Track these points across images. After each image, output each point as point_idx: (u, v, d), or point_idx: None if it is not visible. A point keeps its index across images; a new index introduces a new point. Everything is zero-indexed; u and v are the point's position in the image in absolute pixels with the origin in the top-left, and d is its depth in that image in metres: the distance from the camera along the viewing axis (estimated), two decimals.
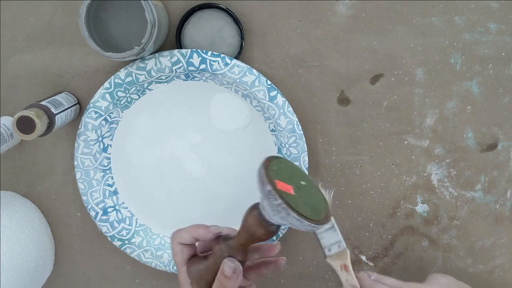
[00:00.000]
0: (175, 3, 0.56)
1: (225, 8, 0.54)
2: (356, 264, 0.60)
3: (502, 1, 0.54)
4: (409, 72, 0.56)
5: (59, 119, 0.52)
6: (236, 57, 0.55)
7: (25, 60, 0.58)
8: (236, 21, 0.54)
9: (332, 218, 0.47)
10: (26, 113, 0.48)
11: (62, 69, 0.58)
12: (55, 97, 0.54)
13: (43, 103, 0.51)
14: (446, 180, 0.58)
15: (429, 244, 0.59)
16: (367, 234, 0.59)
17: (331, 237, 0.48)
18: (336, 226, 0.48)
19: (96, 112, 0.56)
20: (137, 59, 0.53)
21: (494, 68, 0.55)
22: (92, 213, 0.58)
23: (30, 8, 0.56)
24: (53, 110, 0.52)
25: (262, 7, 0.55)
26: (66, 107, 0.54)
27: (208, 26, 0.55)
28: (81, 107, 0.58)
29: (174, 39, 0.56)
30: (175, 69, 0.54)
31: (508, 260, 0.59)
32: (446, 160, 0.58)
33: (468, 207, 0.58)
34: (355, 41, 0.56)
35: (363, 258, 0.60)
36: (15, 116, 0.48)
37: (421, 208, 0.59)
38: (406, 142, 0.58)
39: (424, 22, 0.55)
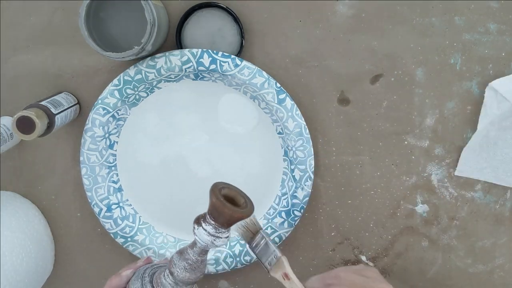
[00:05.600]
0: (175, 3, 0.56)
1: (225, 7, 0.54)
2: (356, 264, 0.60)
3: (502, 1, 0.54)
4: (409, 72, 0.56)
5: (59, 119, 0.52)
6: (237, 56, 0.55)
7: (25, 60, 0.58)
8: (236, 19, 0.54)
9: (261, 231, 0.47)
10: (26, 113, 0.48)
11: (62, 69, 0.58)
12: (55, 97, 0.55)
13: (43, 103, 0.52)
14: (446, 180, 0.58)
15: (429, 244, 0.59)
16: (367, 234, 0.59)
17: (267, 251, 0.47)
18: (266, 238, 0.47)
19: (104, 109, 0.56)
20: (137, 58, 0.54)
21: (494, 68, 0.55)
22: (96, 210, 0.58)
23: (30, 8, 0.57)
24: (53, 110, 0.52)
25: (262, 7, 0.55)
26: (66, 107, 0.54)
27: (208, 25, 0.55)
28: (81, 107, 0.58)
29: (174, 39, 0.56)
30: (185, 69, 0.54)
31: (508, 260, 0.59)
32: (446, 160, 0.58)
33: (468, 207, 0.58)
34: (355, 41, 0.56)
35: (363, 258, 0.60)
36: (15, 116, 0.48)
37: (421, 208, 0.59)
38: (406, 142, 0.58)
39: (424, 22, 0.55)
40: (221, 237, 0.41)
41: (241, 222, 0.47)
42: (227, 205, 0.41)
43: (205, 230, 0.41)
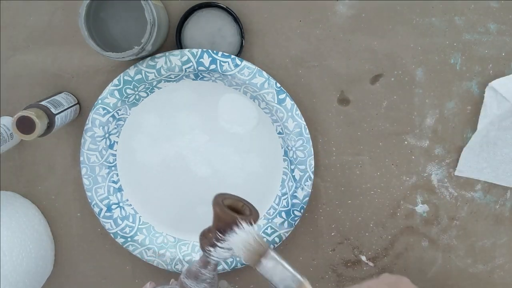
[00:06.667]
0: (175, 3, 0.56)
1: (225, 7, 0.54)
2: (356, 264, 0.60)
3: (502, 1, 0.54)
4: (409, 72, 0.56)
5: (59, 119, 0.52)
6: (237, 56, 0.55)
7: (25, 60, 0.58)
8: (236, 19, 0.54)
9: (270, 252, 0.42)
10: (26, 113, 0.48)
11: (62, 69, 0.58)
12: (55, 97, 0.55)
13: (43, 103, 0.52)
14: (446, 180, 0.58)
15: (429, 244, 0.59)
16: (367, 234, 0.59)
17: (282, 276, 0.41)
18: (281, 260, 0.41)
19: (104, 109, 0.56)
20: (137, 58, 0.54)
21: (494, 68, 0.55)
22: (96, 210, 0.58)
23: (30, 8, 0.56)
24: (53, 110, 0.52)
25: (262, 7, 0.55)
26: (66, 107, 0.54)
27: (208, 25, 0.55)
28: (81, 107, 0.58)
29: (174, 39, 0.56)
30: (185, 69, 0.54)
31: (508, 260, 0.59)
32: (446, 160, 0.58)
33: (468, 207, 0.58)
34: (355, 41, 0.56)
35: (363, 258, 0.60)
36: (15, 116, 0.48)
37: (421, 208, 0.59)
38: (406, 142, 0.58)
39: (424, 22, 0.55)
40: None
41: (242, 243, 0.42)
42: (229, 213, 0.41)
43: (223, 248, 0.41)
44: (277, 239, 0.58)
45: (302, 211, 0.57)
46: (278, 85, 0.54)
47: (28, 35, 0.57)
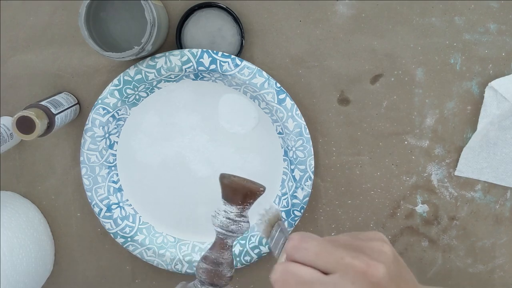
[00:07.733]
0: (175, 3, 0.56)
1: (225, 7, 0.54)
2: None
3: (502, 1, 0.54)
4: (409, 72, 0.56)
5: (59, 119, 0.52)
6: (237, 56, 0.55)
7: (25, 60, 0.58)
8: (236, 19, 0.54)
9: (279, 222, 0.42)
10: (26, 113, 0.48)
11: (62, 69, 0.58)
12: (55, 97, 0.55)
13: (43, 103, 0.52)
14: (446, 180, 0.58)
15: (429, 244, 0.59)
16: None
17: (279, 242, 0.40)
18: (284, 230, 0.41)
19: (104, 109, 0.56)
20: (137, 58, 0.54)
21: (494, 68, 0.55)
22: (96, 210, 0.58)
23: (30, 8, 0.57)
24: (53, 110, 0.52)
25: (262, 7, 0.55)
26: (66, 107, 0.54)
27: (208, 25, 0.55)
28: (81, 107, 0.58)
29: (174, 39, 0.56)
30: (185, 69, 0.54)
31: (508, 260, 0.59)
32: (446, 160, 0.58)
33: (468, 207, 0.58)
34: (355, 41, 0.56)
35: None
36: (15, 116, 0.48)
37: (421, 208, 0.59)
38: (406, 142, 0.58)
39: (424, 22, 0.55)
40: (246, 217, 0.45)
41: (260, 216, 0.43)
42: (238, 179, 0.43)
43: (237, 220, 0.44)
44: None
45: (302, 211, 0.57)
46: (278, 85, 0.54)
47: (28, 35, 0.57)
